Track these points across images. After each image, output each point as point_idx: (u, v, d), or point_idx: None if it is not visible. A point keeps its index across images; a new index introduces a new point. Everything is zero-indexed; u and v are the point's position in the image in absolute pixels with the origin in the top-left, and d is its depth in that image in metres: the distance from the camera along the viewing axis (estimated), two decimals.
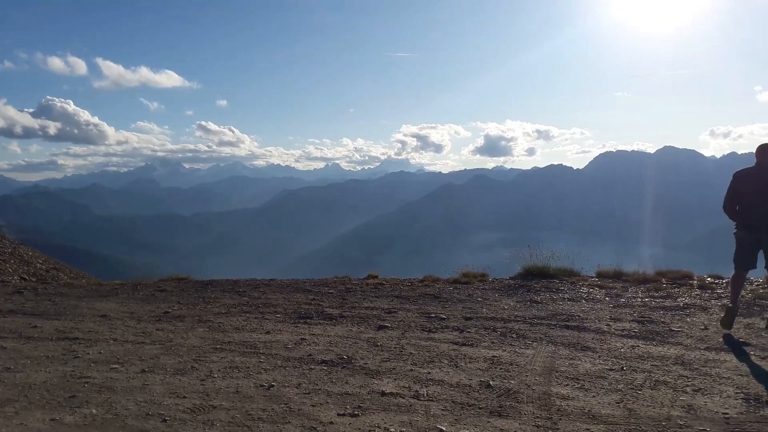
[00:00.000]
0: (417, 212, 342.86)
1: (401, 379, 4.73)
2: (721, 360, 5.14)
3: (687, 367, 4.96)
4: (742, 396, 4.24)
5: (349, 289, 9.10)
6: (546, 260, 10.33)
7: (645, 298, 8.03)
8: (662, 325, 6.49)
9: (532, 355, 5.38)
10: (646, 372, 4.83)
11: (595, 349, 5.57)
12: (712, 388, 4.41)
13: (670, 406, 4.08)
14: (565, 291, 8.71)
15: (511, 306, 7.77)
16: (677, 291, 8.47)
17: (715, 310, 7.23)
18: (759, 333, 6.07)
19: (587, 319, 6.87)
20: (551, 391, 4.41)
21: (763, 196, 6.20)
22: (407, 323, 6.77)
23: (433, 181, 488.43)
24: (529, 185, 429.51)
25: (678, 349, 5.52)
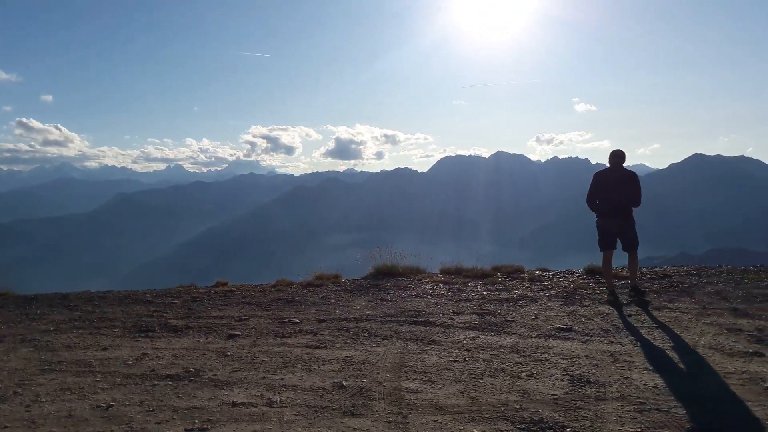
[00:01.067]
0: (268, 215, 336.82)
1: (253, 387, 4.62)
2: (549, 346, 5.68)
3: (521, 354, 5.41)
4: (567, 378, 4.71)
5: (195, 299, 8.69)
6: (395, 259, 10.71)
7: (483, 292, 8.63)
8: (499, 316, 7.02)
9: (383, 353, 5.53)
10: (486, 361, 5.19)
11: (441, 342, 5.88)
12: (543, 373, 4.86)
13: (507, 391, 4.42)
14: (412, 288, 9.08)
15: (363, 305, 7.93)
16: (511, 284, 9.22)
17: (543, 300, 7.98)
18: (580, 319, 6.79)
19: (433, 314, 7.23)
20: (401, 386, 4.57)
21: (615, 192, 7.95)
22: (259, 330, 6.62)
23: (285, 184, 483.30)
24: (378, 188, 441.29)
25: (513, 338, 6.01)
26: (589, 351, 5.45)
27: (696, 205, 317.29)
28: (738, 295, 8.07)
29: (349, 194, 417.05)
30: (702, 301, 7.77)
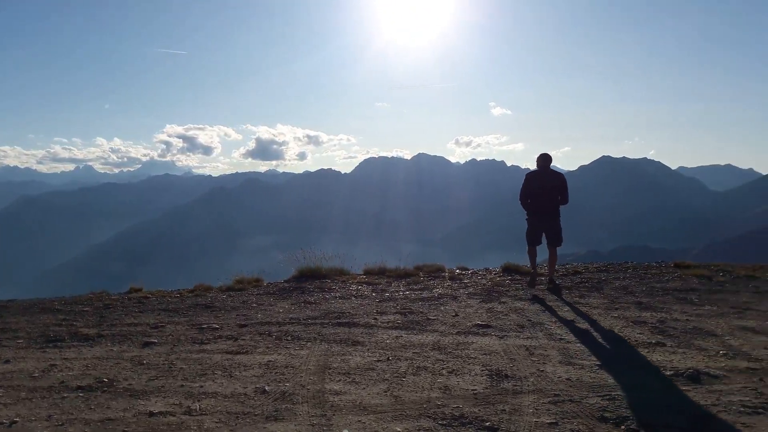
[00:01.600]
0: (185, 217, 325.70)
1: (171, 396, 4.46)
2: (469, 342, 5.84)
3: (442, 351, 5.53)
4: (486, 373, 4.86)
5: (107, 306, 8.28)
6: (318, 261, 10.64)
7: (406, 291, 8.76)
8: (421, 315, 7.15)
9: (306, 356, 5.50)
10: (409, 360, 5.27)
11: (365, 342, 5.91)
12: (463, 369, 4.99)
13: (429, 388, 4.51)
14: (336, 290, 9.07)
15: (286, 309, 7.84)
16: (433, 283, 9.41)
17: (463, 298, 8.19)
18: (498, 316, 7.03)
19: (357, 314, 7.25)
20: (325, 388, 4.56)
21: (543, 192, 8.72)
22: (177, 337, 6.40)
23: (203, 185, 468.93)
24: (301, 189, 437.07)
25: (435, 336, 6.13)
26: (507, 346, 5.65)
27: (604, 205, 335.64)
28: (642, 289, 8.63)
29: (271, 195, 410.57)
30: (610, 295, 8.24)
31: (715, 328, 6.30)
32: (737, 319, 6.73)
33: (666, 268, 10.41)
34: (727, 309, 7.28)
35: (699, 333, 6.13)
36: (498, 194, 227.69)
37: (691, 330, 6.24)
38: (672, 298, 7.99)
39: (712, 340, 5.86)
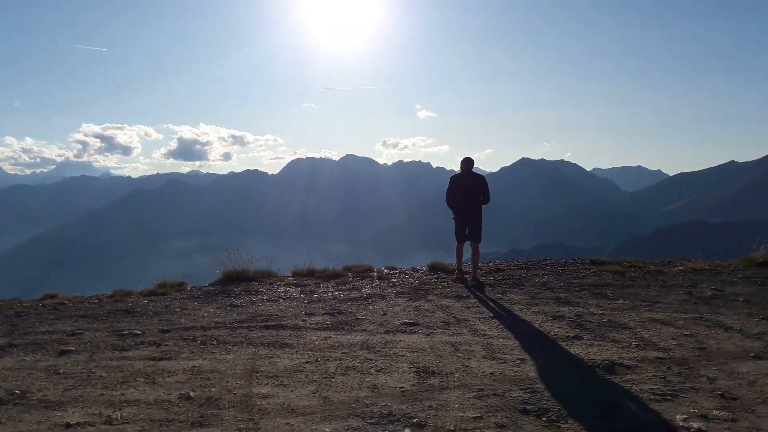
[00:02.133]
0: (104, 220, 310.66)
1: (90, 406, 4.26)
2: (397, 341, 5.91)
3: (371, 350, 5.57)
4: (414, 370, 4.94)
5: (19, 313, 7.79)
6: (245, 264, 10.44)
7: (335, 292, 8.75)
8: (350, 315, 7.16)
9: (233, 360, 5.39)
10: (338, 360, 5.27)
11: (293, 345, 5.86)
12: (391, 367, 5.05)
13: (358, 388, 4.53)
14: (264, 292, 8.94)
15: (211, 313, 7.64)
16: (361, 283, 9.45)
17: (391, 297, 8.27)
18: (425, 313, 7.15)
19: (285, 317, 7.18)
20: (252, 392, 4.49)
21: (468, 192, 9.38)
22: (96, 344, 6.11)
23: (122, 186, 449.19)
24: (226, 190, 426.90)
25: (363, 335, 6.16)
26: (433, 343, 5.76)
27: (524, 205, 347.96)
28: (560, 285, 9.02)
29: (195, 197, 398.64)
30: (531, 291, 8.57)
31: (628, 321, 6.68)
32: (648, 312, 7.16)
33: (582, 264, 10.93)
34: (638, 302, 7.73)
35: (613, 326, 6.48)
36: (425, 195, 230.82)
37: (606, 323, 6.59)
38: (588, 293, 8.40)
39: (625, 332, 6.21)
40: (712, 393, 4.37)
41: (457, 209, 9.50)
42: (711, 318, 6.81)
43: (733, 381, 4.64)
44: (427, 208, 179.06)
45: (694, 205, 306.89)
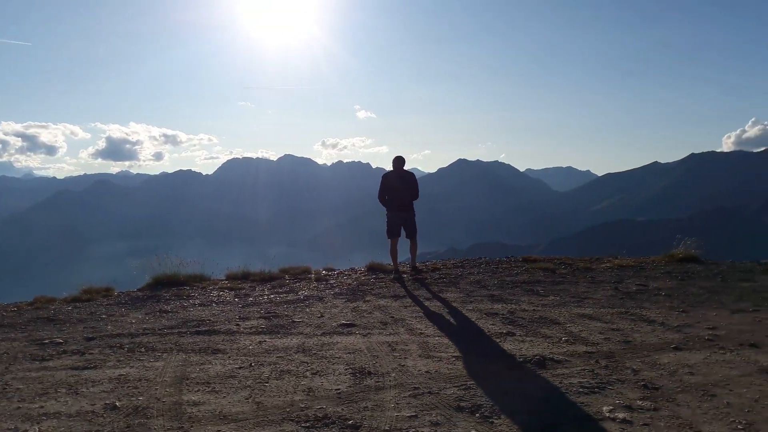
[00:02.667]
0: (26, 224, 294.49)
1: (6, 420, 4.00)
2: (334, 342, 5.86)
3: (307, 353, 5.50)
4: (350, 371, 4.91)
5: None
6: (176, 267, 10.10)
7: (271, 295, 8.59)
8: (286, 318, 7.05)
9: (162, 367, 5.19)
10: (273, 364, 5.17)
11: (226, 350, 5.71)
12: (327, 369, 4.99)
13: (293, 392, 4.46)
14: (196, 297, 8.68)
15: (139, 319, 7.35)
16: (298, 285, 9.32)
17: (329, 299, 8.20)
18: (362, 314, 7.13)
19: (218, 321, 6.99)
20: (182, 399, 4.34)
21: (400, 189, 9.73)
22: (13, 354, 5.75)
23: (46, 188, 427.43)
24: (158, 191, 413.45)
25: (299, 338, 6.07)
26: (370, 344, 5.74)
27: (462, 205, 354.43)
28: (494, 283, 9.20)
29: (124, 198, 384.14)
30: (466, 290, 8.69)
31: (558, 317, 6.88)
32: (577, 308, 7.40)
33: (515, 262, 11.20)
34: (568, 299, 7.98)
35: (544, 322, 6.66)
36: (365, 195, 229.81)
37: (538, 319, 6.77)
38: (521, 290, 8.61)
39: (556, 327, 6.40)
40: (636, 384, 4.55)
41: (389, 206, 9.83)
42: (636, 312, 7.11)
43: (656, 372, 4.85)
44: (366, 209, 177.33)
45: (621, 204, 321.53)
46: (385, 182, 9.85)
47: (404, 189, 9.79)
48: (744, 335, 6.00)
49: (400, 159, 9.93)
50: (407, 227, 9.89)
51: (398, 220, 9.85)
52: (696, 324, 6.51)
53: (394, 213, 9.83)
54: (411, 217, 9.88)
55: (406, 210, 9.81)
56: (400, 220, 9.84)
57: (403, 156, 9.96)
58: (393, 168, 9.92)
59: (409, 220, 9.87)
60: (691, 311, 7.16)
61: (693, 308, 7.33)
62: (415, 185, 9.88)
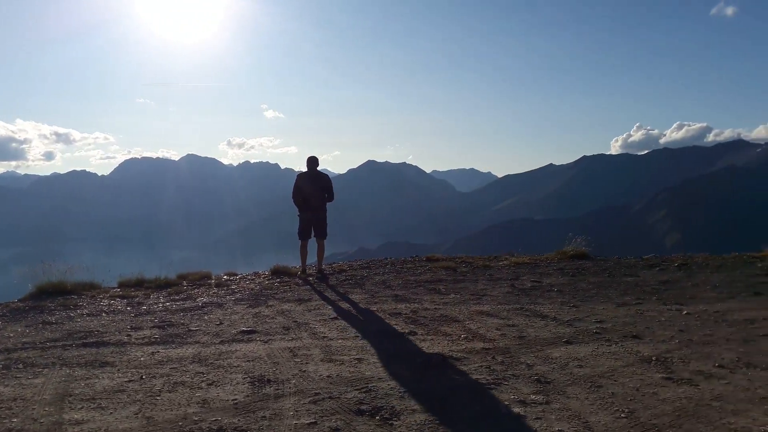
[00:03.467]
0: None
1: None
2: (232, 350, 5.66)
3: (203, 363, 5.26)
4: (248, 380, 4.74)
5: None
6: (64, 275, 9.39)
7: (167, 303, 8.18)
8: (182, 326, 6.73)
9: (42, 384, 4.78)
10: (165, 376, 4.90)
11: (115, 362, 5.35)
12: (224, 379, 4.80)
13: (186, 404, 4.24)
14: (84, 306, 8.10)
15: (18, 332, 6.75)
16: (197, 291, 8.95)
17: (229, 305, 7.93)
18: (264, 320, 6.95)
19: (107, 332, 6.55)
20: (64, 418, 4.01)
21: (314, 190, 9.76)
22: None
23: None
24: (49, 193, 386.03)
25: (196, 347, 5.81)
26: (271, 350, 5.60)
27: (371, 205, 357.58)
28: (399, 283, 9.30)
29: (10, 201, 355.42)
30: (371, 290, 8.72)
31: (458, 315, 7.05)
32: (475, 305, 7.62)
33: (419, 262, 11.39)
34: (468, 296, 8.20)
35: (445, 320, 6.79)
36: (273, 196, 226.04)
37: (439, 317, 6.90)
38: (424, 289, 8.76)
39: (456, 325, 6.54)
40: (530, 379, 4.72)
41: (303, 207, 9.85)
42: (530, 308, 7.42)
43: (548, 366, 5.07)
44: (275, 210, 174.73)
45: (520, 204, 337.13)
46: (299, 183, 9.87)
47: (318, 190, 9.84)
48: (627, 327, 6.42)
49: (314, 159, 9.94)
50: (317, 228, 9.94)
51: (310, 221, 9.91)
52: (585, 318, 6.89)
53: (308, 214, 9.86)
54: (322, 218, 9.94)
55: (319, 211, 9.88)
56: (313, 221, 9.90)
57: (317, 157, 10.02)
58: (307, 168, 9.93)
59: (321, 222, 9.93)
60: (581, 306, 7.57)
61: (583, 303, 7.76)
62: (329, 186, 9.94)
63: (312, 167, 9.92)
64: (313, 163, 9.93)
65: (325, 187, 9.88)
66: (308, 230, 9.97)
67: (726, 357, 5.32)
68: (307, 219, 9.90)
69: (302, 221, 9.95)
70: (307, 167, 9.94)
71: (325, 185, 9.90)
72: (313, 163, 9.92)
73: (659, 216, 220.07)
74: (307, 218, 9.89)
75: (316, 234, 9.96)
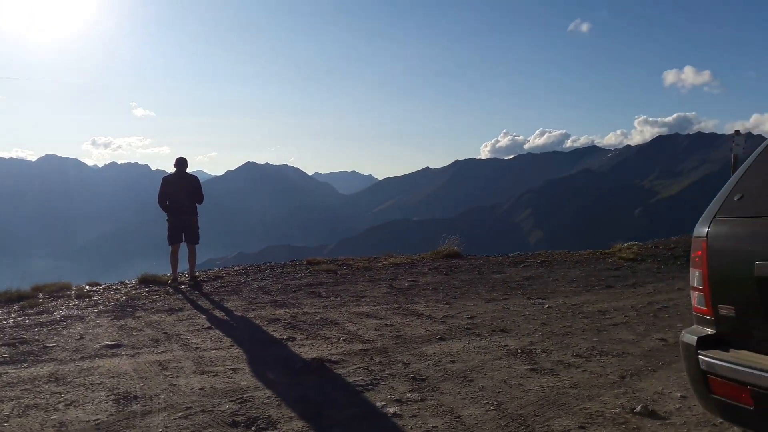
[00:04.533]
0: None
1: None
2: (95, 367, 5.25)
3: (60, 382, 4.83)
4: (113, 398, 4.42)
5: None
6: None
7: (19, 318, 7.39)
8: (37, 343, 6.13)
9: None
10: (16, 399, 4.43)
11: None
12: (85, 398, 4.44)
13: (40, 429, 3.87)
14: None
15: None
16: (55, 304, 8.18)
17: (92, 317, 7.34)
18: (131, 332, 6.52)
19: None
20: None
21: (182, 193, 9.39)
22: None
23: None
24: None
25: (52, 365, 5.32)
26: (138, 365, 5.26)
27: (251, 208, 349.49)
28: (278, 288, 9.15)
29: None
30: (248, 297, 8.50)
31: (338, 317, 7.07)
32: (355, 307, 7.69)
33: (300, 265, 11.28)
34: (348, 298, 8.25)
35: (325, 323, 6.78)
36: (143, 200, 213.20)
37: (318, 321, 6.87)
38: (304, 293, 8.68)
39: (335, 328, 6.55)
40: (406, 377, 4.84)
41: (170, 210, 9.47)
42: (407, 307, 7.61)
43: (423, 363, 5.22)
44: (145, 214, 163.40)
45: (399, 205, 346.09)
46: (166, 185, 9.49)
47: (186, 193, 9.50)
48: (496, 322, 6.79)
49: (182, 161, 9.65)
50: (188, 233, 9.59)
51: (180, 226, 9.53)
52: (457, 315, 7.19)
53: (176, 218, 9.50)
54: (193, 222, 9.60)
55: (188, 214, 9.53)
56: (182, 226, 9.53)
57: (186, 158, 9.73)
58: (175, 169, 9.61)
59: (191, 226, 9.58)
60: (453, 303, 7.90)
61: (455, 300, 8.10)
62: (197, 188, 9.64)
63: (180, 169, 9.61)
64: (181, 164, 9.63)
65: (193, 189, 9.58)
66: (178, 235, 9.59)
67: (582, 346, 5.79)
68: (175, 223, 9.52)
69: (171, 226, 9.56)
70: (175, 168, 9.65)
71: (193, 187, 9.60)
72: (181, 164, 9.62)
73: (524, 215, 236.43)
74: (175, 222, 9.52)
75: (186, 239, 9.63)
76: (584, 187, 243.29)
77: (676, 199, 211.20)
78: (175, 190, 9.48)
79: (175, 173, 9.63)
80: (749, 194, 2.54)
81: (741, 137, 11.51)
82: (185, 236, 9.61)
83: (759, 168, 2.62)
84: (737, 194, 2.60)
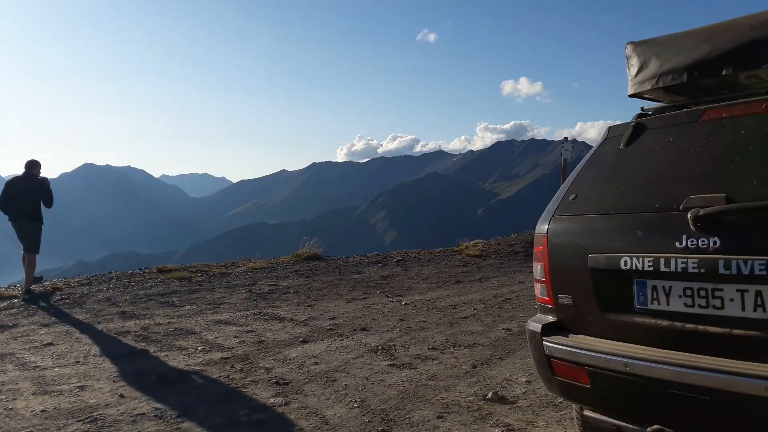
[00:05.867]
0: None
1: None
2: None
3: None
4: None
5: None
6: None
7: None
8: None
9: None
10: None
11: None
12: None
13: None
14: None
15: None
16: None
17: None
18: None
19: None
20: None
21: (27, 197, 8.85)
22: None
23: None
24: None
25: None
26: None
27: (91, 213, 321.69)
28: (126, 298, 8.57)
29: None
30: (93, 309, 7.87)
31: (195, 326, 6.80)
32: (213, 314, 7.44)
33: (149, 274, 10.65)
34: (204, 306, 7.96)
35: (180, 333, 6.49)
36: None
37: (173, 332, 6.56)
38: (155, 303, 8.22)
39: (192, 338, 6.30)
40: (269, 382, 4.80)
41: (13, 216, 8.96)
42: (268, 312, 7.53)
43: (286, 367, 5.22)
44: None
45: (255, 209, 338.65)
46: (8, 188, 9.02)
47: (30, 197, 8.96)
48: (357, 321, 6.96)
49: (30, 163, 9.19)
50: (27, 240, 9.01)
51: (20, 232, 9.00)
52: (319, 316, 7.26)
53: (16, 224, 8.97)
54: (34, 228, 9.01)
55: (29, 221, 8.97)
56: (23, 232, 8.99)
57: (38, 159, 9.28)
58: (24, 172, 9.18)
59: (31, 233, 9.00)
60: (315, 305, 7.95)
61: (317, 302, 8.16)
62: (46, 192, 9.07)
63: (28, 171, 9.16)
64: (28, 167, 9.18)
65: (38, 193, 9.00)
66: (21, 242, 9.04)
67: (437, 339, 6.14)
68: (16, 230, 8.97)
69: (16, 231, 8.99)
70: (24, 171, 9.19)
71: (41, 191, 9.03)
72: (30, 167, 9.18)
73: (379, 216, 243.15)
74: (16, 229, 8.96)
75: (24, 247, 9.00)
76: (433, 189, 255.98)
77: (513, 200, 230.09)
78: (18, 194, 8.93)
79: (22, 175, 9.16)
80: (582, 195, 2.88)
81: (569, 143, 12.89)
82: (23, 243, 9.01)
83: (588, 171, 2.97)
84: (572, 194, 2.92)
